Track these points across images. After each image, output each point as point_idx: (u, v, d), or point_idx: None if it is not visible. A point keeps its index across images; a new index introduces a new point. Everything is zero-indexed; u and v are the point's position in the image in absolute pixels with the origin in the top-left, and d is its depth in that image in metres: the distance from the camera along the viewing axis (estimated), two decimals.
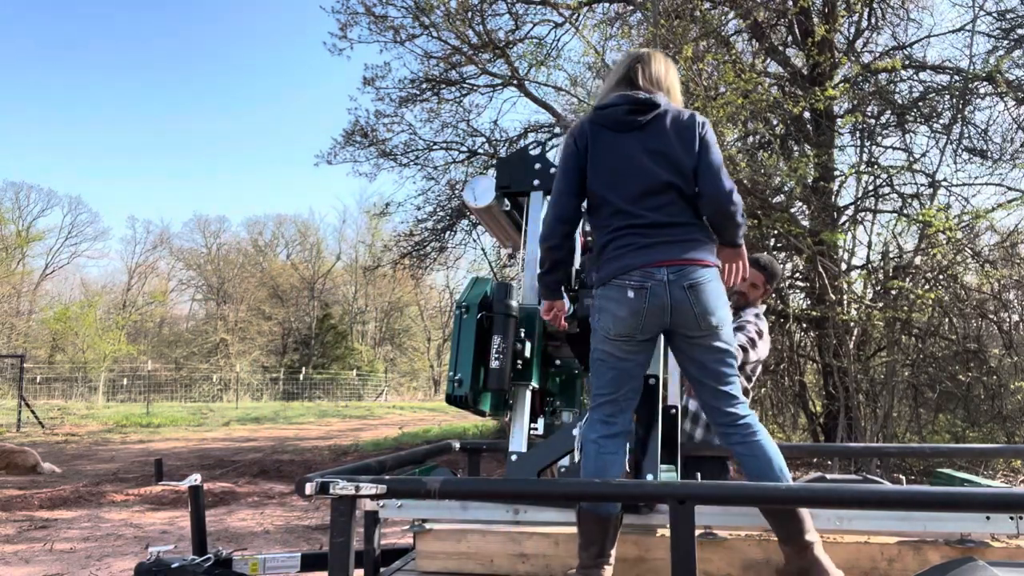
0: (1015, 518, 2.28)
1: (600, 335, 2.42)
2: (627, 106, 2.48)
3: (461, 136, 13.64)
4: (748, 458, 2.40)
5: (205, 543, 2.87)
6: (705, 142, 2.46)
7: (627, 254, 2.38)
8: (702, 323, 2.36)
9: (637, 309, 2.34)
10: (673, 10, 8.68)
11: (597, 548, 2.30)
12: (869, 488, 2.13)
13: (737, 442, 2.42)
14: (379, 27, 12.38)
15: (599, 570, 2.27)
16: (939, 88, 9.03)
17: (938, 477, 3.23)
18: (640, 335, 2.38)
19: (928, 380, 8.53)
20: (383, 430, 18.18)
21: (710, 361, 2.41)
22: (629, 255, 2.37)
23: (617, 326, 2.37)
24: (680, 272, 2.35)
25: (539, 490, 2.42)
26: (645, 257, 2.36)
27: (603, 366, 2.44)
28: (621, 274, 2.36)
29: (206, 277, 45.51)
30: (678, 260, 2.36)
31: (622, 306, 2.35)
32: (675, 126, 2.48)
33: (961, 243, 8.06)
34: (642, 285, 2.33)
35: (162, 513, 7.44)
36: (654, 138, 2.46)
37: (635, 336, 2.37)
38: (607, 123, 2.50)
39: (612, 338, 2.38)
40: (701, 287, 2.35)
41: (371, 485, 2.08)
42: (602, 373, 2.44)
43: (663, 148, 2.44)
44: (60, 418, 19.87)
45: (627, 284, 2.35)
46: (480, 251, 14.85)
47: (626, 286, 2.35)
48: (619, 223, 2.42)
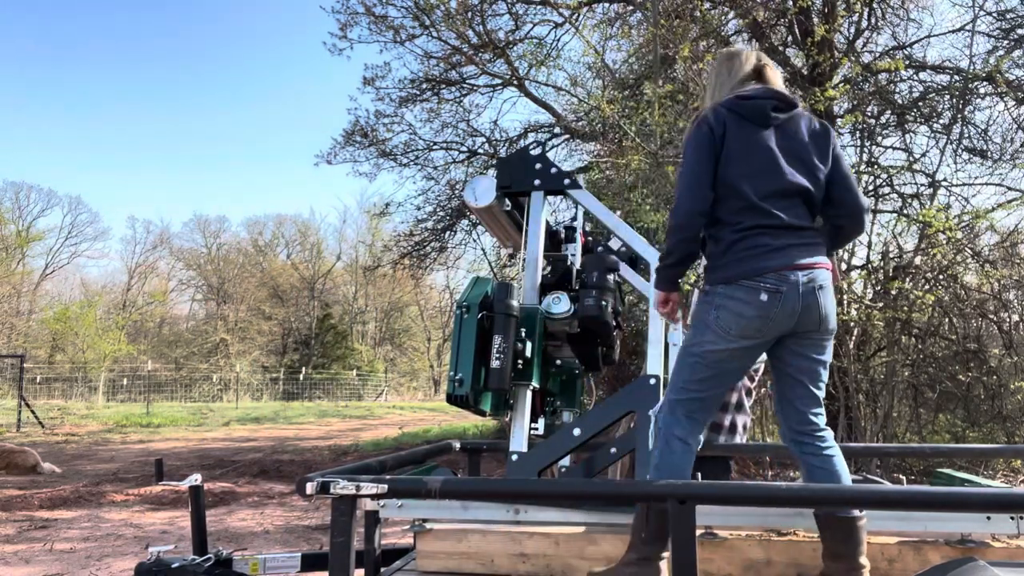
0: (1015, 518, 2.28)
1: (714, 333, 2.36)
2: (774, 100, 2.44)
3: (461, 136, 13.64)
4: (819, 470, 2.39)
5: (205, 543, 2.88)
6: (838, 153, 2.50)
7: (761, 256, 2.33)
8: (822, 325, 2.40)
9: (767, 313, 2.31)
10: (673, 10, 8.68)
11: (662, 543, 2.29)
12: (869, 488, 2.14)
13: (812, 452, 2.41)
14: (379, 27, 12.38)
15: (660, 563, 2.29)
16: (939, 88, 9.02)
17: (938, 477, 3.23)
18: (762, 338, 2.36)
19: (928, 380, 8.52)
20: (383, 430, 18.18)
21: (814, 363, 2.43)
22: (763, 257, 2.33)
23: (741, 327, 2.33)
24: (811, 275, 2.35)
25: (539, 490, 2.42)
26: (780, 260, 2.33)
27: (701, 363, 2.38)
28: (754, 276, 2.32)
29: (206, 277, 45.50)
30: (810, 263, 2.37)
31: (750, 307, 2.31)
32: (810, 131, 2.49)
33: (961, 243, 8.06)
34: (777, 289, 2.30)
35: (162, 513, 7.44)
36: (790, 139, 2.45)
37: (756, 338, 2.35)
38: (748, 114, 2.43)
39: (731, 337, 2.34)
40: (827, 290, 2.39)
41: (372, 485, 2.08)
42: (698, 370, 2.39)
43: (799, 151, 2.44)
44: (60, 418, 19.87)
45: (761, 287, 2.31)
46: (480, 251, 14.86)
47: (760, 288, 2.30)
48: (750, 221, 2.36)
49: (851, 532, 2.24)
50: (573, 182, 2.77)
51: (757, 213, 2.37)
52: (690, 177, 2.40)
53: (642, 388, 2.64)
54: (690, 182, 2.40)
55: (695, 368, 2.39)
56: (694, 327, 2.43)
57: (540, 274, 2.78)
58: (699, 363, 2.39)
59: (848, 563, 2.23)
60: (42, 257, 42.40)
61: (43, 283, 42.17)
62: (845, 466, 2.42)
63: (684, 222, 2.38)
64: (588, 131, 11.30)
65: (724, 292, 2.36)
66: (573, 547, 2.48)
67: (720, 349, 2.36)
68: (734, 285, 2.34)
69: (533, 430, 2.72)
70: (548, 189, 2.80)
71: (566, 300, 2.71)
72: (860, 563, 2.23)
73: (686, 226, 2.38)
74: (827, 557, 2.28)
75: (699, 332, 2.40)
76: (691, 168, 2.40)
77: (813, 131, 2.49)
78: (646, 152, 6.98)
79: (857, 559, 2.23)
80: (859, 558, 2.23)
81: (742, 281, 2.33)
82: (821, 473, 2.38)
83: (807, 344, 2.42)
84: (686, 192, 2.40)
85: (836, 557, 2.25)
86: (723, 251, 2.39)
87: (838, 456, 2.42)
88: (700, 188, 2.37)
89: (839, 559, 2.25)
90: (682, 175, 2.44)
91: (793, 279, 2.31)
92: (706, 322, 2.38)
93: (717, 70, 2.60)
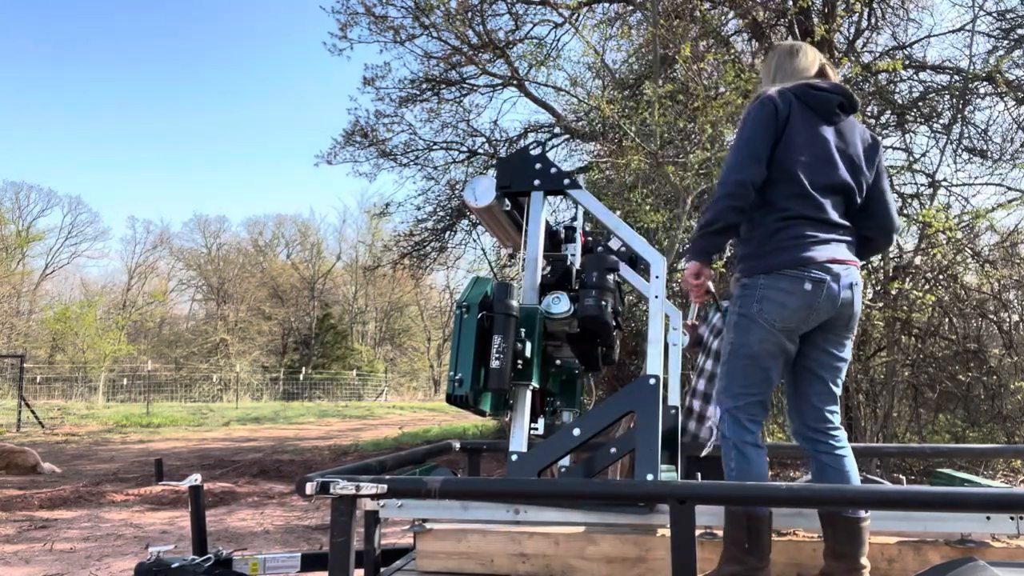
0: (1015, 518, 2.28)
1: (760, 327, 2.33)
2: (841, 98, 2.45)
3: (461, 136, 13.63)
4: (831, 469, 2.39)
5: (205, 543, 2.88)
6: (882, 169, 2.54)
7: (807, 246, 2.33)
8: (851, 323, 2.41)
9: (811, 303, 2.30)
10: (673, 10, 8.68)
11: (764, 554, 2.26)
12: (869, 488, 2.13)
13: (825, 450, 2.41)
14: (379, 27, 12.37)
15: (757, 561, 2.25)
16: (939, 88, 9.02)
17: (938, 477, 3.23)
18: (804, 328, 2.35)
19: (928, 380, 8.52)
20: (383, 430, 18.18)
21: (835, 360, 2.44)
22: (809, 248, 2.32)
23: (784, 317, 2.31)
24: (849, 272, 2.37)
25: (539, 490, 2.42)
26: (826, 253, 2.34)
27: (754, 364, 2.36)
28: (799, 266, 2.30)
29: (206, 277, 45.49)
30: (850, 260, 2.39)
31: (794, 297, 2.30)
32: (863, 139, 2.51)
33: (961, 243, 8.06)
34: (821, 279, 2.30)
35: (162, 513, 7.44)
36: (846, 141, 2.46)
37: (799, 329, 2.34)
38: (815, 106, 2.42)
39: (776, 329, 2.32)
40: (859, 289, 2.40)
41: (371, 485, 2.08)
42: (752, 372, 2.37)
43: (853, 154, 2.45)
44: (60, 418, 19.87)
45: (806, 276, 2.29)
46: (480, 251, 14.85)
47: (804, 278, 2.30)
48: (798, 209, 2.35)
49: (855, 532, 2.24)
50: (573, 182, 2.77)
51: (807, 203, 2.35)
52: (747, 148, 2.34)
53: (642, 388, 2.64)
54: (747, 153, 2.34)
55: (747, 370, 2.37)
56: (736, 327, 2.38)
57: (540, 274, 2.78)
58: (751, 364, 2.36)
59: (849, 563, 2.24)
60: (42, 257, 42.45)
61: (43, 283, 42.18)
62: (856, 467, 2.42)
63: (735, 191, 2.31)
64: (588, 131, 11.30)
65: (766, 283, 2.33)
66: (573, 547, 2.48)
67: (770, 343, 2.33)
68: (776, 275, 2.32)
69: (533, 430, 2.72)
70: (548, 189, 2.80)
71: (566, 300, 2.70)
72: (861, 563, 2.23)
73: (736, 195, 2.31)
74: (828, 556, 2.28)
75: (744, 331, 2.36)
76: (750, 140, 2.35)
77: (865, 140, 2.52)
78: (646, 152, 6.98)
79: (858, 559, 2.23)
80: (860, 558, 2.24)
81: (785, 270, 2.31)
82: (832, 472, 2.38)
83: (832, 340, 2.42)
84: (742, 161, 2.33)
85: (838, 556, 2.25)
86: (766, 238, 2.36)
87: (850, 456, 2.42)
88: (756, 162, 2.33)
89: (841, 558, 2.25)
90: (738, 147, 2.37)
91: (836, 271, 2.32)
92: (750, 316, 2.34)
93: (778, 59, 2.58)
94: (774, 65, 2.58)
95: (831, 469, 2.39)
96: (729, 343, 2.42)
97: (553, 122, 12.88)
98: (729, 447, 2.38)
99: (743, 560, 2.25)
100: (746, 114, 2.44)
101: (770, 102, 2.38)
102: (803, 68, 2.53)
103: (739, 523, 2.26)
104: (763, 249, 2.36)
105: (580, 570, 2.46)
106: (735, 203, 2.31)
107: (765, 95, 2.41)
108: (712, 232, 2.34)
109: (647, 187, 8.05)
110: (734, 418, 2.39)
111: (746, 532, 2.25)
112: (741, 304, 2.38)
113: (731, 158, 2.38)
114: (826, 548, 2.29)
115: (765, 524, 2.27)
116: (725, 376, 2.43)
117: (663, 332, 2.88)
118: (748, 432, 2.37)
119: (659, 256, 2.61)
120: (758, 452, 2.37)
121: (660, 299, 2.55)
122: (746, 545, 2.25)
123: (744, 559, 2.25)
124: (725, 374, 2.43)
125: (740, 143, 2.37)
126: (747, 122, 2.39)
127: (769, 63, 2.63)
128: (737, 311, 2.39)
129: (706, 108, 6.69)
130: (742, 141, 2.37)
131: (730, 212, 2.32)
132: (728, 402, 2.41)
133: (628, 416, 2.88)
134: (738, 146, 2.37)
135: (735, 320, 2.39)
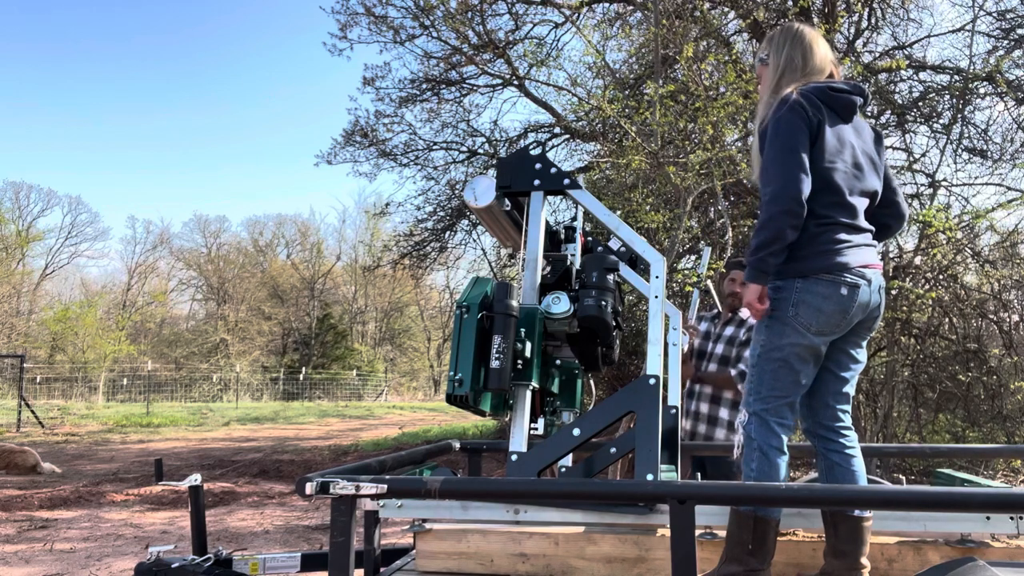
0: (1015, 518, 2.28)
1: (794, 330, 2.31)
2: (860, 99, 2.43)
3: (461, 136, 13.63)
4: (840, 468, 2.39)
5: (205, 543, 2.87)
6: (885, 158, 2.56)
7: (843, 251, 2.32)
8: (874, 325, 2.45)
9: (846, 307, 2.31)
10: (673, 10, 8.68)
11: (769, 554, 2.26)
12: (869, 488, 2.13)
13: (835, 449, 2.42)
14: (379, 27, 12.38)
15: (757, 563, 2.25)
16: (939, 88, 9.02)
17: (938, 477, 3.23)
18: (837, 332, 2.35)
19: (928, 380, 8.52)
20: (383, 430, 18.18)
21: (853, 362, 2.46)
22: (845, 252, 2.32)
23: (820, 322, 2.30)
24: (878, 276, 2.40)
25: (539, 490, 2.41)
26: (859, 257, 2.34)
27: (785, 367, 2.33)
28: (837, 271, 2.30)
29: (206, 277, 45.50)
30: (878, 264, 2.42)
31: (830, 302, 2.29)
32: (871, 135, 2.52)
33: (961, 243, 8.06)
34: (856, 284, 2.30)
35: (162, 513, 7.44)
36: (864, 140, 2.46)
37: (833, 333, 2.34)
38: (837, 108, 2.40)
39: (812, 333, 2.31)
40: (883, 291, 2.43)
41: (371, 485, 2.08)
42: (781, 374, 2.34)
43: (871, 154, 2.47)
44: (60, 418, 19.88)
45: (841, 280, 2.29)
46: (480, 251, 14.86)
47: (840, 282, 2.29)
48: (833, 216, 2.33)
49: (857, 531, 2.24)
50: (573, 182, 2.77)
51: (845, 210, 2.35)
52: (794, 160, 2.26)
53: (642, 388, 2.64)
54: (796, 165, 2.26)
55: (778, 373, 2.35)
56: (768, 329, 2.36)
57: (540, 274, 2.78)
58: (782, 367, 2.34)
59: (850, 562, 2.23)
60: (42, 257, 42.45)
61: (43, 283, 42.17)
62: (864, 467, 2.42)
63: (794, 208, 2.24)
64: (588, 131, 11.29)
65: (803, 286, 2.32)
66: (573, 547, 2.48)
67: (803, 346, 2.32)
68: (812, 279, 2.31)
69: (533, 430, 2.71)
70: (548, 189, 2.79)
71: (566, 300, 2.70)
72: (862, 563, 2.23)
73: (795, 213, 2.25)
74: (829, 554, 2.28)
75: (777, 333, 2.34)
76: (793, 151, 2.27)
77: (873, 135, 2.53)
78: (646, 152, 6.98)
79: (859, 559, 2.23)
80: (861, 558, 2.24)
81: (822, 275, 2.30)
82: (841, 471, 2.39)
83: (852, 342, 2.44)
84: (793, 175, 2.25)
85: (839, 555, 2.25)
86: (803, 243, 2.33)
87: (859, 457, 2.42)
88: (806, 174, 2.26)
89: (841, 557, 2.24)
90: (781, 159, 2.28)
91: (868, 276, 2.34)
92: (783, 320, 2.33)
93: (789, 48, 2.49)
94: (783, 56, 2.49)
95: (840, 468, 2.39)
96: (759, 344, 2.39)
97: (553, 122, 12.88)
98: (753, 448, 2.36)
99: (744, 561, 2.25)
100: (776, 119, 2.34)
101: (800, 107, 2.31)
102: (818, 69, 2.48)
103: (746, 524, 2.26)
104: (800, 253, 2.33)
105: (580, 570, 2.46)
106: (794, 221, 2.26)
107: (793, 99, 2.33)
108: (773, 253, 2.29)
109: (647, 187, 8.05)
110: (762, 420, 2.37)
111: (752, 534, 2.25)
112: (775, 307, 2.36)
113: (777, 170, 2.29)
114: (827, 547, 2.29)
115: (772, 528, 2.26)
116: (754, 378, 2.40)
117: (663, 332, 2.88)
118: (775, 436, 2.35)
119: (659, 256, 2.61)
120: (782, 458, 2.35)
121: (660, 299, 2.55)
122: (750, 547, 2.24)
123: (746, 560, 2.25)
124: (754, 376, 2.40)
125: (784, 154, 2.29)
126: (781, 128, 2.31)
127: (780, 45, 2.52)
128: (770, 313, 2.36)
129: (707, 108, 6.68)
130: (786, 151, 2.28)
131: (789, 231, 2.27)
132: (757, 404, 2.38)
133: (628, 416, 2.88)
134: (782, 158, 2.29)
135: (767, 323, 2.37)
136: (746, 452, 2.39)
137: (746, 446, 2.39)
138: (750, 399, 2.41)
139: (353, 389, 35.14)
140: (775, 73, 2.50)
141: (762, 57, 2.59)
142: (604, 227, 2.85)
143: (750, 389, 2.42)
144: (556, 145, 13.01)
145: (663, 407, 2.68)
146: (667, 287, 3.38)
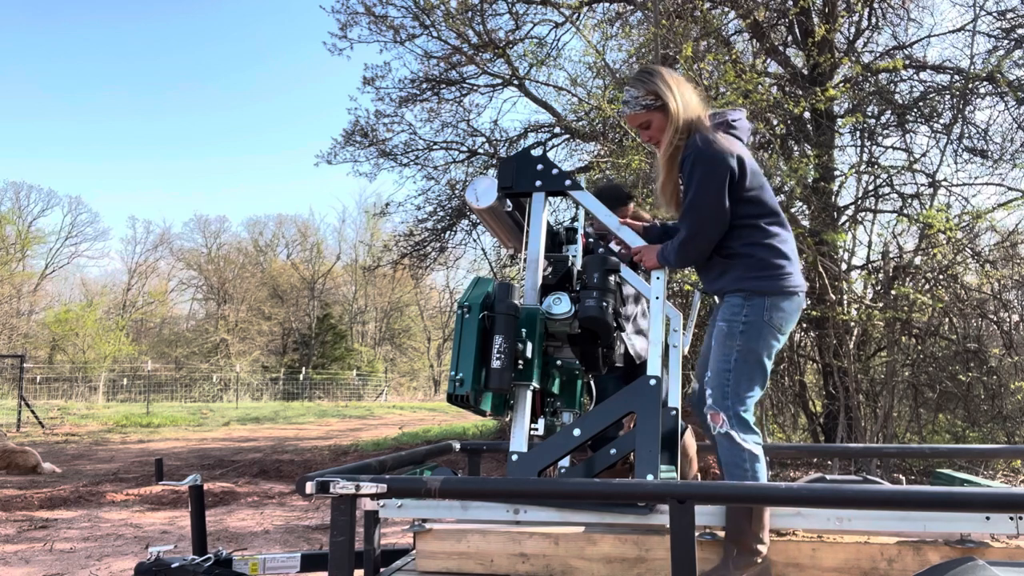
0: (1015, 518, 2.28)
1: (771, 335, 2.53)
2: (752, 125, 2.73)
3: (461, 136, 13.64)
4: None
5: (205, 543, 2.88)
6: None
7: (795, 262, 2.61)
8: None
9: (799, 312, 2.62)
10: (673, 10, 8.68)
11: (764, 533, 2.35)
12: (869, 488, 2.13)
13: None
14: (379, 27, 12.40)
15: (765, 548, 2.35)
16: (939, 88, 9.02)
17: (938, 477, 3.23)
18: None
19: (928, 380, 8.52)
20: (383, 430, 18.18)
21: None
22: (796, 263, 2.62)
23: (789, 325, 2.59)
24: None
25: (539, 490, 2.42)
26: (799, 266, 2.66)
27: (760, 369, 2.53)
28: (800, 285, 2.59)
29: (206, 277, 45.51)
30: None
31: (794, 307, 2.58)
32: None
33: (961, 243, 8.06)
34: (804, 292, 2.63)
35: (162, 513, 7.44)
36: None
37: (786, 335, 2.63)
38: (744, 138, 2.70)
39: (782, 336, 2.56)
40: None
41: (371, 484, 2.08)
42: (757, 376, 2.53)
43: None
44: (60, 418, 19.88)
45: (799, 290, 2.59)
46: (480, 251, 14.86)
47: (798, 291, 2.58)
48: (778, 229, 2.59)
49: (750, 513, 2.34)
50: (574, 183, 2.77)
51: (781, 224, 2.61)
52: (717, 205, 2.50)
53: (642, 389, 2.64)
54: (717, 210, 2.51)
55: (755, 375, 2.51)
56: (744, 334, 2.51)
57: (541, 275, 2.78)
58: (759, 369, 2.52)
59: (744, 544, 2.34)
60: (42, 257, 42.48)
61: (43, 283, 42.17)
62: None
63: (706, 247, 2.56)
64: (588, 131, 11.30)
65: (777, 300, 2.54)
66: (573, 547, 2.48)
67: (778, 348, 2.57)
68: (789, 295, 2.55)
69: (533, 430, 2.72)
70: (549, 190, 2.80)
71: (567, 301, 2.70)
72: (757, 548, 2.34)
73: (706, 250, 2.57)
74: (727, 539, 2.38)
75: (755, 337, 2.50)
76: (717, 197, 2.49)
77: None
78: (646, 152, 6.98)
79: (755, 545, 2.34)
80: (756, 544, 2.34)
81: (800, 289, 2.58)
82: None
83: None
84: (715, 220, 2.51)
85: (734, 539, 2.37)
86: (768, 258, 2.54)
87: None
88: (725, 215, 2.52)
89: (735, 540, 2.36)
90: (707, 203, 2.49)
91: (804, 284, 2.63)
92: (759, 325, 2.51)
93: (679, 87, 2.66)
94: (676, 91, 2.63)
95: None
96: (735, 349, 2.51)
97: (553, 122, 12.88)
98: (741, 449, 2.45)
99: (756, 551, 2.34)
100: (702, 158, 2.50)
101: (726, 155, 2.51)
102: (699, 102, 2.68)
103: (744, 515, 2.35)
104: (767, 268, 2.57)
105: (580, 570, 2.46)
106: (703, 256, 2.62)
107: (716, 147, 2.50)
108: (678, 263, 2.63)
109: (647, 187, 8.05)
110: (742, 420, 2.47)
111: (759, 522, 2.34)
112: (748, 313, 2.52)
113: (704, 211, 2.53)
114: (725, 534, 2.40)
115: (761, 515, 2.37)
116: (731, 381, 2.50)
117: (663, 333, 2.88)
118: (754, 432, 2.50)
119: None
120: (761, 450, 2.50)
121: (661, 300, 2.56)
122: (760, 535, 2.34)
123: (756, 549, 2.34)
124: (731, 379, 2.50)
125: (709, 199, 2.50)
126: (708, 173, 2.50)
127: (671, 86, 2.65)
128: (743, 319, 2.51)
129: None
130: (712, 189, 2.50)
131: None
132: (737, 406, 2.48)
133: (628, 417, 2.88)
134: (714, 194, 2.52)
135: (741, 328, 2.51)
136: (735, 453, 2.47)
137: (732, 448, 2.47)
138: (728, 402, 2.49)
139: (353, 389, 35.14)
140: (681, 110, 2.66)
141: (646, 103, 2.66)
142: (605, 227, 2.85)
143: (726, 392, 2.51)
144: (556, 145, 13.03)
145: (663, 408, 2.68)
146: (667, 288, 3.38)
